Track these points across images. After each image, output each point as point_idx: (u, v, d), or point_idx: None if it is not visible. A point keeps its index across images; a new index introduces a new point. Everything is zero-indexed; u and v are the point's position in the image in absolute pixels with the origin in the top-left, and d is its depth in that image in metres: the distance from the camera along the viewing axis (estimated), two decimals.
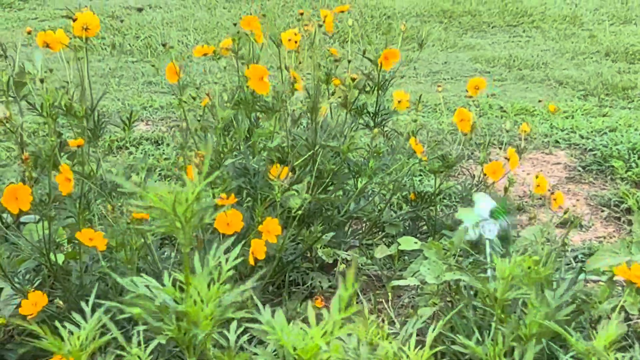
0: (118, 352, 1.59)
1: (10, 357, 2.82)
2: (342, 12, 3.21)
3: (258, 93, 2.85)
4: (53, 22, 8.50)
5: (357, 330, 1.39)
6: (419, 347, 1.43)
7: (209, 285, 1.44)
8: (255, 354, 1.43)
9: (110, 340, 1.64)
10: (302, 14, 2.95)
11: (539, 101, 5.46)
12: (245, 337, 1.55)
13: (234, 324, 1.53)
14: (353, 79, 2.97)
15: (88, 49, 2.60)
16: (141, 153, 4.82)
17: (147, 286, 1.50)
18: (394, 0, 9.26)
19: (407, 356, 1.42)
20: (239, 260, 1.52)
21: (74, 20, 2.54)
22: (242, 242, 2.10)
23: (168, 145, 4.96)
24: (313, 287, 3.15)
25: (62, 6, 9.27)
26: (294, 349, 1.28)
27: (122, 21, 8.27)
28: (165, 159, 4.66)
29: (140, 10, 3.08)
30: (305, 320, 1.37)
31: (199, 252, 2.72)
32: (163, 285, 1.50)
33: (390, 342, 1.42)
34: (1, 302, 2.80)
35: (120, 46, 7.54)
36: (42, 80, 2.47)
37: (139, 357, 1.44)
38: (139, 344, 1.52)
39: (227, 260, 1.49)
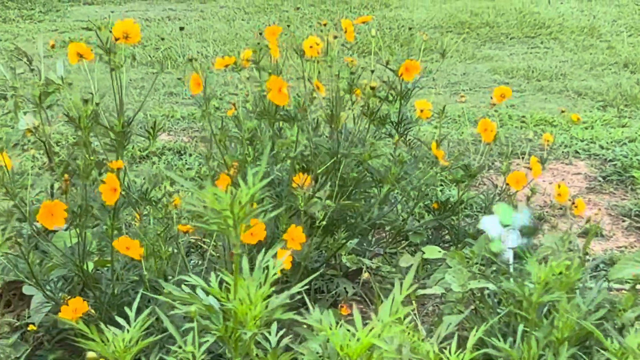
0: (162, 355, 1.62)
1: None
2: (364, 22, 3.25)
3: (278, 104, 2.88)
4: (73, 33, 8.56)
5: (398, 333, 1.42)
6: (460, 350, 1.47)
7: (257, 287, 1.48)
8: (302, 353, 1.47)
9: (153, 343, 1.68)
10: (325, 24, 2.98)
11: (562, 111, 5.48)
12: (286, 340, 1.58)
13: (274, 325, 1.57)
14: (372, 88, 3.00)
15: (117, 61, 2.63)
16: (164, 163, 4.87)
17: (191, 288, 1.54)
18: (412, 12, 9.30)
19: (448, 358, 1.45)
20: (284, 265, 1.56)
21: (97, 30, 2.57)
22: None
23: (190, 155, 5.01)
24: (337, 295, 3.18)
25: (82, 18, 9.34)
26: (341, 349, 1.32)
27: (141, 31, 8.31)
28: (188, 168, 4.70)
29: (182, 29, 3.13)
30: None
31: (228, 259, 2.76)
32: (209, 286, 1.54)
33: (432, 344, 1.46)
34: (32, 309, 2.85)
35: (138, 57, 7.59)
36: (85, 100, 2.48)
37: (193, 354, 1.48)
38: (186, 342, 1.56)
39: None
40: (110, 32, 2.52)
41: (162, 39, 8.19)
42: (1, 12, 9.59)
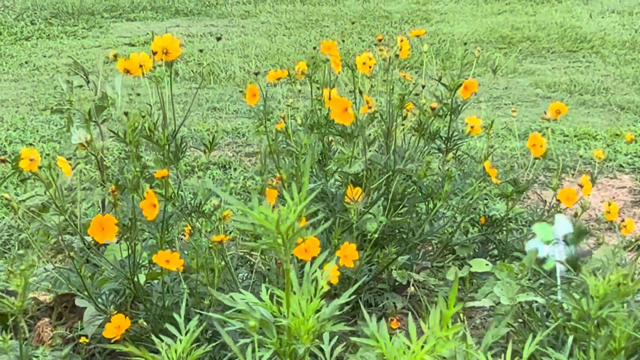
0: None
1: None
2: (417, 36, 3.27)
3: (341, 123, 2.90)
4: (116, 49, 8.62)
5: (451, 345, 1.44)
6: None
7: (307, 301, 1.49)
8: None
9: (204, 355, 1.70)
10: (380, 40, 3.01)
11: (617, 134, 5.47)
12: (339, 349, 1.60)
13: (326, 335, 1.58)
14: (433, 108, 3.01)
15: (161, 76, 2.66)
16: (209, 177, 4.91)
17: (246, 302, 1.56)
18: (452, 26, 9.31)
19: None
20: (332, 279, 1.58)
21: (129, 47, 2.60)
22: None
23: (235, 169, 5.04)
24: (386, 308, 3.19)
25: (125, 34, 9.43)
26: None
27: (183, 46, 8.38)
28: (234, 183, 4.74)
29: (219, 39, 3.16)
30: None
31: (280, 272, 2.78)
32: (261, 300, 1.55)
33: (486, 354, 1.47)
34: (85, 321, 2.88)
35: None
36: (125, 113, 2.52)
37: None
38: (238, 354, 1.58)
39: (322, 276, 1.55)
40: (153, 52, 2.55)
41: (201, 50, 8.25)
42: (45, 28, 9.69)
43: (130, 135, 2.54)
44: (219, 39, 3.10)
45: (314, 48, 3.07)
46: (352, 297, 3.06)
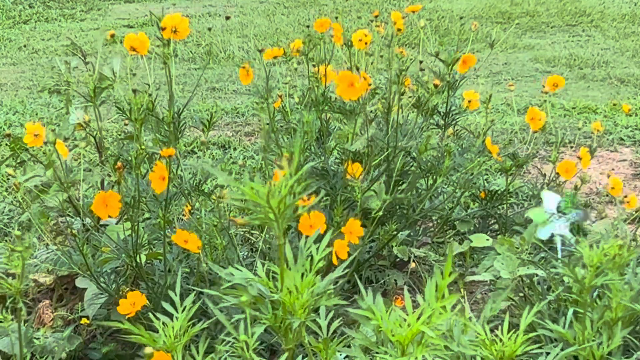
0: (216, 345, 1.64)
1: (94, 355, 2.90)
2: (414, 12, 3.26)
3: (347, 99, 2.89)
4: (115, 31, 8.61)
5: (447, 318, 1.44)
6: (512, 331, 1.48)
7: (302, 276, 1.49)
8: (353, 337, 1.49)
9: (200, 332, 1.70)
10: (376, 15, 3.00)
11: (614, 104, 5.47)
12: (335, 323, 1.60)
13: (322, 310, 1.58)
14: (436, 86, 3.01)
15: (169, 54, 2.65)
16: (209, 157, 4.90)
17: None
18: (451, 2, 9.29)
19: (501, 340, 1.47)
20: (328, 250, 1.58)
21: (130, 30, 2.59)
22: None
23: (235, 149, 5.04)
24: (386, 285, 3.20)
25: (124, 16, 9.41)
26: (392, 334, 1.34)
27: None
28: (233, 162, 4.73)
29: (227, 18, 3.16)
30: None
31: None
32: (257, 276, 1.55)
33: (484, 326, 1.47)
34: (86, 301, 2.88)
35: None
36: (134, 91, 2.51)
37: (246, 342, 1.49)
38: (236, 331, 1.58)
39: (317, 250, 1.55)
40: (162, 28, 2.54)
41: (208, 29, 8.23)
42: (43, 11, 9.67)
43: (135, 113, 2.53)
44: (227, 18, 3.11)
45: (307, 27, 3.06)
46: (352, 274, 3.07)
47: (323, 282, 1.54)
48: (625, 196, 2.96)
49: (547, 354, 1.51)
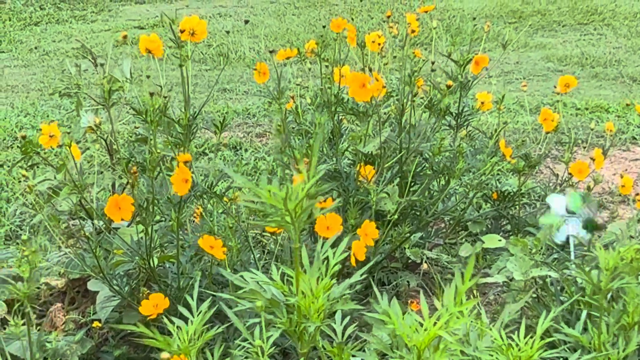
0: (230, 350, 1.63)
1: (107, 358, 2.89)
2: (426, 12, 3.25)
3: (359, 101, 2.87)
4: (126, 32, 8.62)
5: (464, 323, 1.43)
6: (529, 336, 1.47)
7: (317, 280, 1.48)
8: (368, 342, 1.48)
9: (216, 335, 1.69)
10: (389, 16, 2.99)
11: (627, 104, 5.44)
12: (351, 329, 1.59)
13: (338, 314, 1.57)
14: (449, 86, 2.99)
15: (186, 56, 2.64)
16: (220, 159, 4.90)
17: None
18: (462, 2, 9.27)
19: (517, 345, 1.45)
20: (345, 255, 1.57)
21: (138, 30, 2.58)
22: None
23: (246, 150, 5.03)
24: (399, 287, 3.19)
25: (134, 17, 9.42)
26: (409, 339, 1.33)
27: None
28: (245, 164, 4.73)
29: (246, 22, 3.15)
30: None
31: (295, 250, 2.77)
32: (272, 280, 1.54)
33: (500, 331, 1.46)
34: (98, 304, 2.88)
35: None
36: (151, 94, 2.49)
37: (261, 347, 1.48)
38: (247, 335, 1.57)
39: (334, 255, 1.54)
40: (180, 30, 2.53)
41: (227, 32, 8.23)
42: (54, 13, 9.68)
43: (151, 115, 2.52)
44: (246, 22, 3.09)
45: (324, 27, 3.06)
46: (365, 276, 3.06)
47: (339, 286, 1.53)
48: (637, 194, 2.95)
49: (565, 359, 1.50)
